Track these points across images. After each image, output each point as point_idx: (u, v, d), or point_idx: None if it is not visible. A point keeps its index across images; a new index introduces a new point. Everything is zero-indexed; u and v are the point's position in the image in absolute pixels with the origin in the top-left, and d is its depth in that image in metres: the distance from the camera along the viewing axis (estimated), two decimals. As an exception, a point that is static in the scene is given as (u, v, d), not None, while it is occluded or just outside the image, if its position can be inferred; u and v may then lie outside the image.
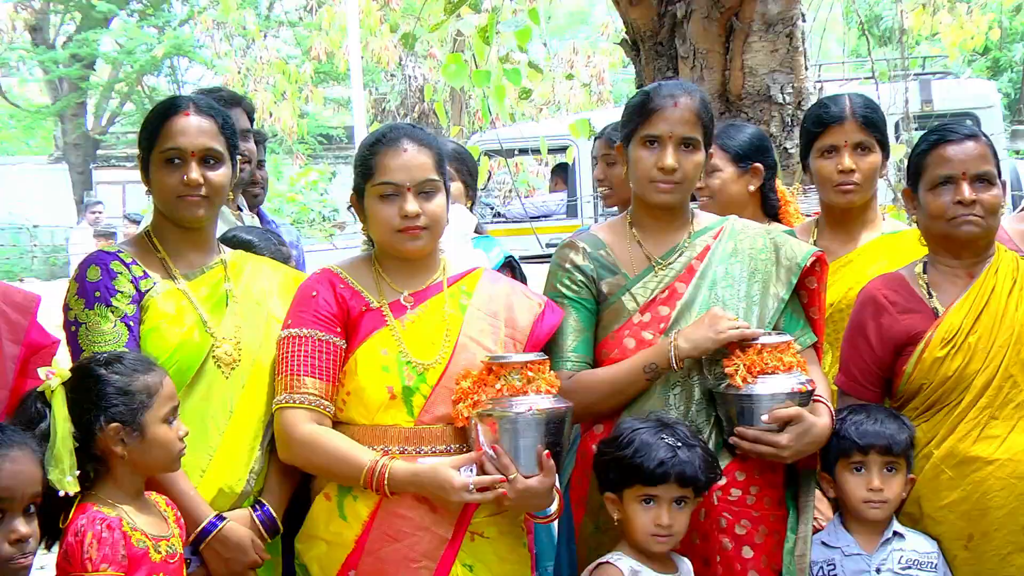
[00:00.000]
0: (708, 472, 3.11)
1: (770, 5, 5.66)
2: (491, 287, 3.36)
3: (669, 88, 3.37)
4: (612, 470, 3.14)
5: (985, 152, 3.40)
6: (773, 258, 3.41)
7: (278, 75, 15.82)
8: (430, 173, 3.20)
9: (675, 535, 3.11)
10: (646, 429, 3.12)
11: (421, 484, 3.05)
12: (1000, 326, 3.35)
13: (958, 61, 14.90)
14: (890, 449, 3.29)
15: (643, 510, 3.11)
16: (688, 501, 3.12)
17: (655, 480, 3.07)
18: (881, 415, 3.35)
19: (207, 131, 3.25)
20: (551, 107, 16.97)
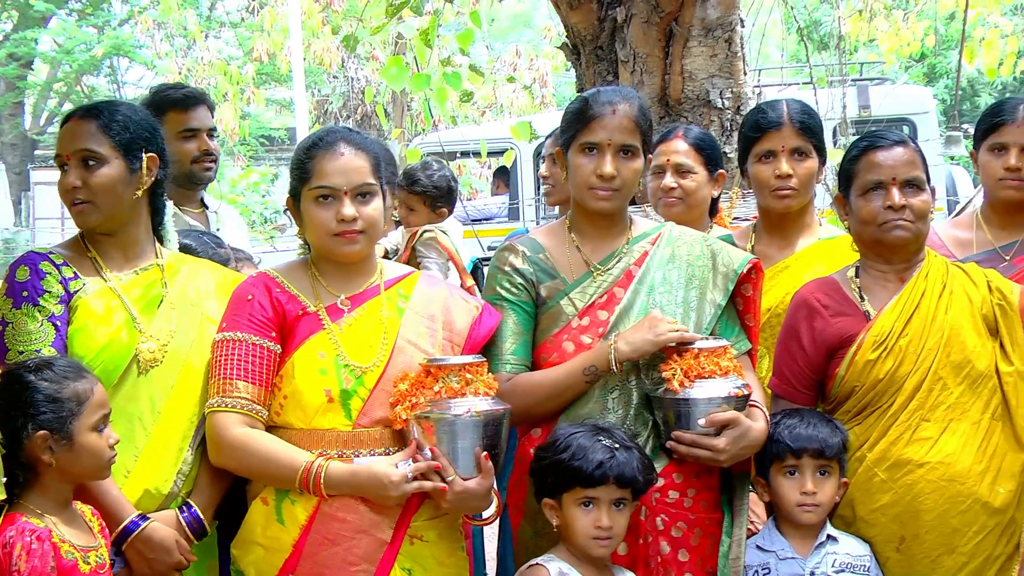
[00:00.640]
0: (645, 474, 3.13)
1: (709, 10, 5.71)
2: (428, 290, 3.36)
3: (607, 95, 3.39)
4: (550, 475, 3.14)
5: (914, 158, 3.45)
6: (710, 264, 3.44)
7: (219, 76, 15.72)
8: (367, 177, 3.19)
9: (615, 537, 3.13)
10: (583, 433, 3.14)
11: (359, 483, 3.04)
12: (930, 329, 3.40)
13: (895, 67, 15.09)
14: (823, 453, 3.32)
15: (583, 513, 3.12)
16: (626, 503, 3.13)
17: (594, 482, 3.08)
18: (814, 419, 3.38)
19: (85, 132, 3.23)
20: (494, 110, 16.98)
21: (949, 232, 4.24)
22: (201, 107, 4.66)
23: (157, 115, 4.59)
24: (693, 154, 4.29)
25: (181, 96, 4.66)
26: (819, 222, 4.13)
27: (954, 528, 3.31)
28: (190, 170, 4.62)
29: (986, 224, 4.16)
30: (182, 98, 4.64)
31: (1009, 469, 3.36)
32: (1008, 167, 3.99)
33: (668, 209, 4.24)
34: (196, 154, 4.61)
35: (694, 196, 4.28)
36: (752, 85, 6.31)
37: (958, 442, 3.34)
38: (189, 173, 4.62)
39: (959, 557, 3.31)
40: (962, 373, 3.37)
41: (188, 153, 4.59)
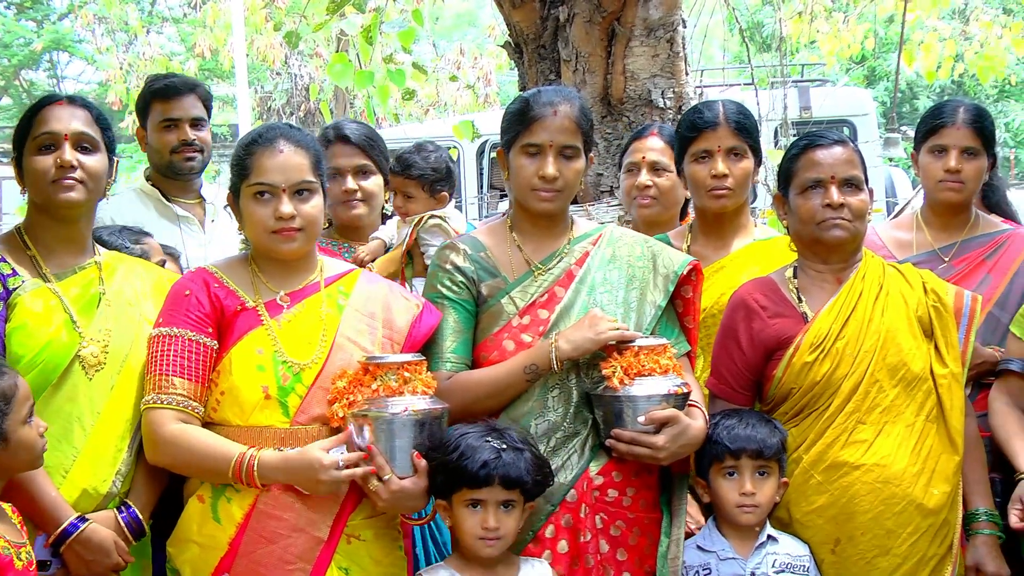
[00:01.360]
0: (536, 475, 3.12)
1: (651, 11, 5.72)
2: (369, 287, 3.35)
3: (548, 96, 3.39)
4: (439, 475, 3.12)
5: (853, 158, 3.47)
6: (650, 266, 3.45)
7: (161, 72, 15.55)
8: (306, 174, 3.18)
9: (503, 538, 3.12)
10: (473, 433, 3.13)
11: (291, 469, 3.03)
12: (867, 331, 3.43)
13: (836, 69, 15.24)
14: (761, 453, 3.34)
15: (470, 514, 3.11)
16: (515, 504, 3.12)
17: (479, 482, 3.07)
18: (753, 419, 3.40)
19: (80, 117, 3.25)
20: (438, 108, 16.95)
21: (890, 233, 4.29)
22: (186, 96, 4.63)
23: (144, 106, 4.62)
24: (669, 152, 4.28)
25: (163, 86, 4.65)
26: (755, 223, 4.15)
27: (889, 530, 3.34)
28: (169, 160, 4.61)
29: (926, 225, 4.21)
30: (164, 88, 4.64)
31: (943, 471, 3.40)
32: (948, 169, 4.04)
33: (643, 209, 4.25)
34: (175, 144, 4.59)
35: (669, 195, 4.29)
36: (694, 85, 6.34)
37: (893, 444, 3.37)
38: (169, 163, 4.62)
39: (893, 558, 3.34)
40: (898, 375, 3.41)
41: (168, 143, 4.59)
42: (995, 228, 4.22)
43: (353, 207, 4.30)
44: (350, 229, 4.38)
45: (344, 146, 4.28)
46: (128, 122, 16.33)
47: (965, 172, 4.05)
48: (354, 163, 4.27)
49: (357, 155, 4.27)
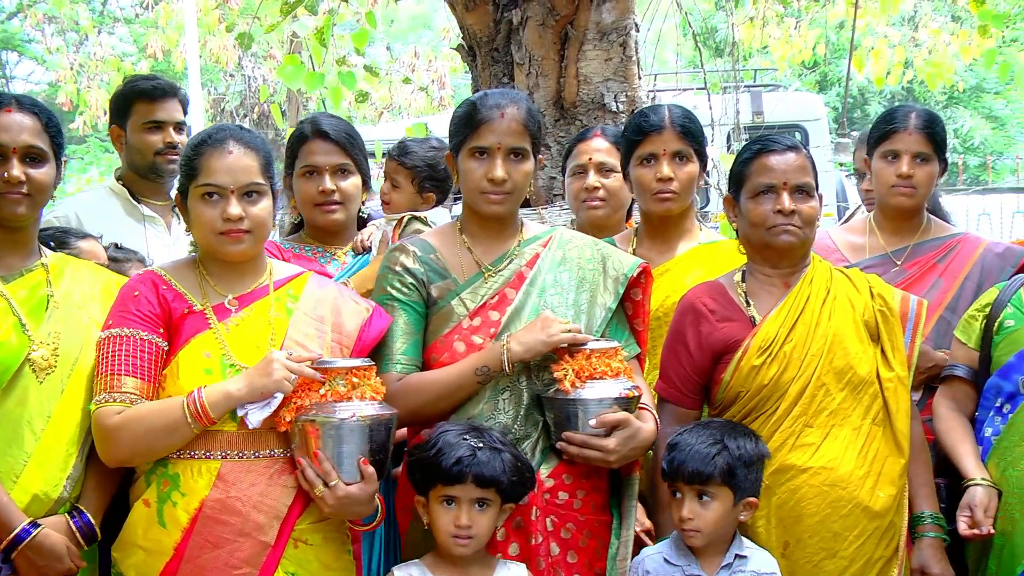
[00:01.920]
0: (513, 476, 3.12)
1: (604, 14, 5.74)
2: (318, 291, 3.33)
3: (495, 98, 3.39)
4: (417, 471, 3.15)
5: (805, 164, 3.49)
6: (600, 268, 3.46)
7: (113, 72, 15.38)
8: (255, 176, 3.16)
9: (477, 537, 3.11)
10: (453, 431, 3.14)
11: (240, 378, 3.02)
12: (814, 335, 3.45)
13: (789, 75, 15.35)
14: (697, 478, 3.24)
15: (444, 511, 3.12)
16: (490, 503, 3.12)
17: (452, 479, 3.08)
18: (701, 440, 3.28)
19: (29, 128, 3.21)
20: (392, 111, 16.89)
21: (843, 237, 4.32)
22: (170, 100, 4.61)
23: (125, 105, 4.55)
24: (615, 152, 4.26)
25: (149, 87, 4.62)
26: (700, 226, 4.16)
27: (836, 532, 3.36)
28: (153, 162, 4.58)
29: (879, 229, 4.25)
30: (150, 89, 4.60)
31: (889, 474, 3.42)
32: (900, 174, 4.07)
33: (592, 211, 4.22)
34: (160, 146, 4.57)
35: (617, 196, 4.27)
36: (647, 90, 6.36)
37: (840, 447, 3.39)
38: (152, 165, 4.59)
39: (840, 561, 3.36)
40: (844, 379, 3.43)
41: (152, 145, 4.56)
42: (946, 232, 4.27)
43: (330, 210, 4.02)
44: (325, 232, 4.09)
45: (322, 142, 4.02)
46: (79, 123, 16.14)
47: (917, 177, 4.08)
48: (333, 161, 4.00)
49: (336, 153, 4.01)
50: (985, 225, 12.31)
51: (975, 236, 4.41)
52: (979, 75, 21.41)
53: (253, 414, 3.04)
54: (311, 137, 4.01)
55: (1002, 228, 12.10)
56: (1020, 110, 22.80)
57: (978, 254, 4.16)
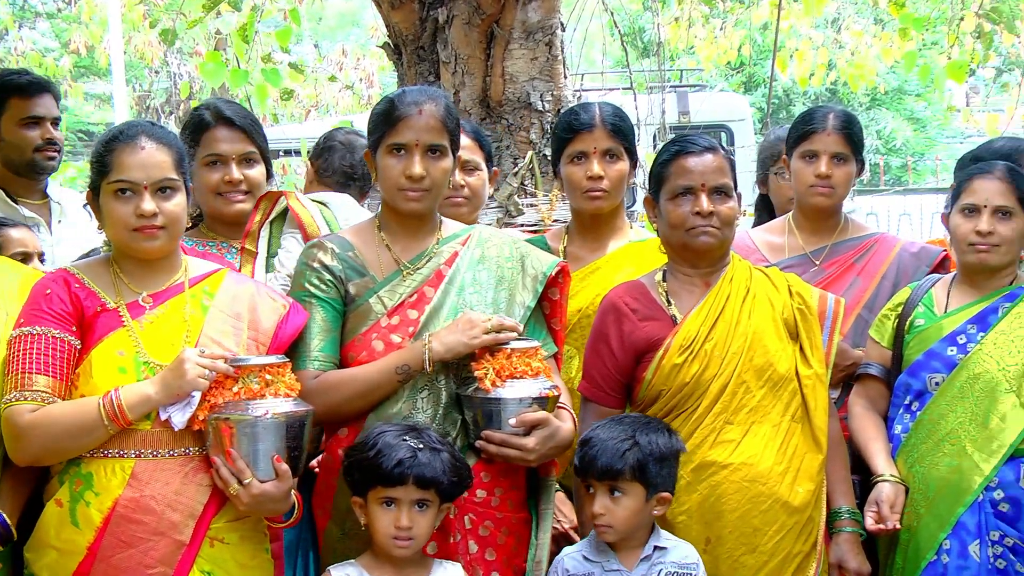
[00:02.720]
0: (453, 476, 3.10)
1: (530, 13, 5.74)
2: (235, 288, 3.29)
3: (413, 95, 3.37)
4: (356, 472, 3.12)
5: (723, 165, 3.51)
6: (519, 267, 3.46)
7: (34, 68, 15.13)
8: (169, 172, 3.11)
9: (417, 538, 3.10)
10: (392, 432, 3.12)
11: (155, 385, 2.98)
12: (734, 333, 3.47)
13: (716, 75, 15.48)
14: (607, 474, 3.24)
15: (384, 512, 3.09)
16: (430, 504, 3.10)
17: (393, 481, 3.06)
18: (614, 434, 3.27)
19: None
20: (320, 109, 16.79)
21: (762, 237, 4.36)
22: (46, 95, 4.54)
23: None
24: (477, 149, 4.25)
25: (26, 83, 4.54)
26: (630, 225, 4.18)
27: (755, 528, 3.38)
28: (32, 159, 4.51)
29: (798, 229, 4.28)
30: (27, 84, 4.53)
31: (808, 470, 3.45)
32: (818, 174, 4.10)
33: (455, 209, 4.14)
34: (39, 143, 4.49)
35: (479, 196, 4.26)
36: (573, 89, 6.38)
37: (760, 444, 3.42)
38: (31, 162, 4.51)
39: (760, 556, 3.39)
40: (764, 376, 3.46)
41: (31, 141, 4.48)
42: (864, 232, 4.32)
43: (235, 199, 3.86)
44: (228, 225, 3.91)
45: (227, 130, 3.86)
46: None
47: (835, 177, 4.12)
48: (239, 150, 3.86)
49: (242, 140, 3.88)
50: (906, 225, 12.51)
51: (891, 236, 4.48)
52: (901, 77, 21.72)
53: (176, 416, 3.00)
54: (214, 124, 3.86)
55: (922, 228, 12.30)
56: (940, 112, 23.17)
57: (894, 254, 4.20)
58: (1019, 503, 3.59)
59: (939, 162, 17.82)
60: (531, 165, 5.58)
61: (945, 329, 3.74)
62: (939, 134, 24.91)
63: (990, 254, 3.70)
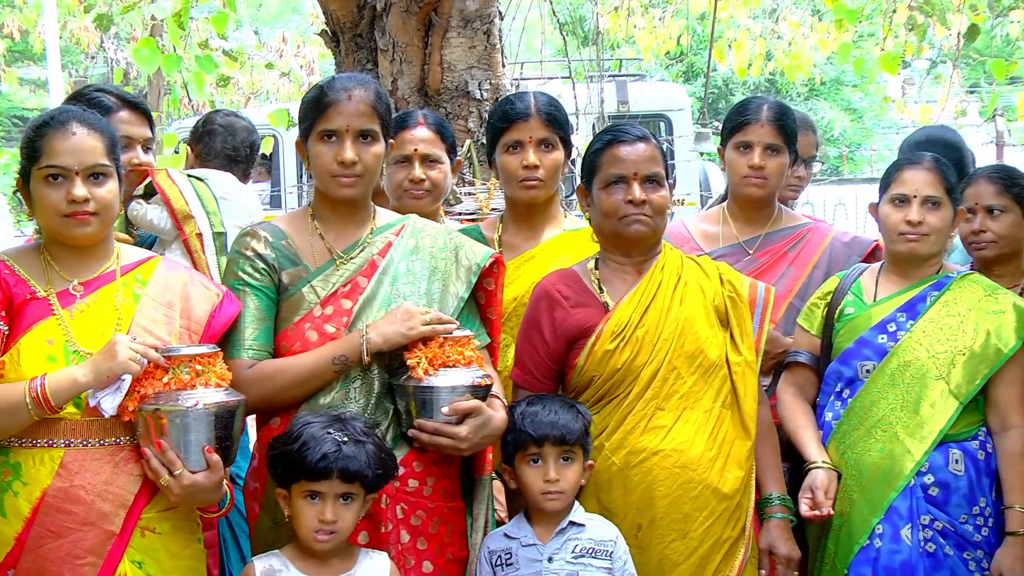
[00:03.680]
0: (378, 468, 3.10)
1: (468, 2, 5.76)
2: (168, 276, 3.27)
3: (343, 81, 3.36)
4: (280, 465, 3.11)
5: (655, 154, 3.54)
6: (453, 258, 3.45)
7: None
8: (101, 157, 3.08)
9: (340, 531, 3.09)
10: (317, 424, 3.10)
11: (84, 368, 2.95)
12: (665, 320, 3.50)
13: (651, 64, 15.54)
14: (564, 439, 3.34)
15: (308, 506, 3.08)
16: (355, 497, 3.10)
17: (317, 475, 3.04)
18: (556, 405, 3.40)
19: None
20: (260, 96, 16.67)
21: (697, 226, 4.38)
22: None
23: None
24: (438, 142, 4.25)
25: None
26: (565, 213, 4.19)
27: (686, 514, 3.41)
28: None
29: (732, 219, 4.31)
30: None
31: (737, 456, 3.48)
32: (752, 165, 4.13)
33: (415, 202, 4.16)
34: None
35: (441, 188, 4.26)
36: (512, 78, 6.39)
37: (691, 430, 3.45)
38: None
39: (690, 542, 3.41)
40: (695, 363, 3.48)
41: None
42: (797, 222, 4.36)
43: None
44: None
45: (132, 113, 3.95)
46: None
47: (768, 168, 4.15)
48: (143, 134, 3.94)
49: (144, 125, 3.95)
50: (841, 215, 12.68)
51: (824, 226, 4.52)
52: (839, 68, 21.98)
53: (105, 401, 2.96)
54: (116, 109, 3.91)
55: (858, 217, 12.47)
56: (876, 103, 23.47)
57: (826, 243, 4.25)
58: (948, 487, 3.66)
59: (874, 152, 18.03)
60: (469, 154, 5.59)
61: (875, 317, 3.80)
62: (875, 124, 25.24)
63: (920, 243, 3.77)
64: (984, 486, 3.68)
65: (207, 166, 4.97)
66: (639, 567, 3.38)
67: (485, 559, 3.36)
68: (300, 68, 16.11)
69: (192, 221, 4.05)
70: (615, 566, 3.33)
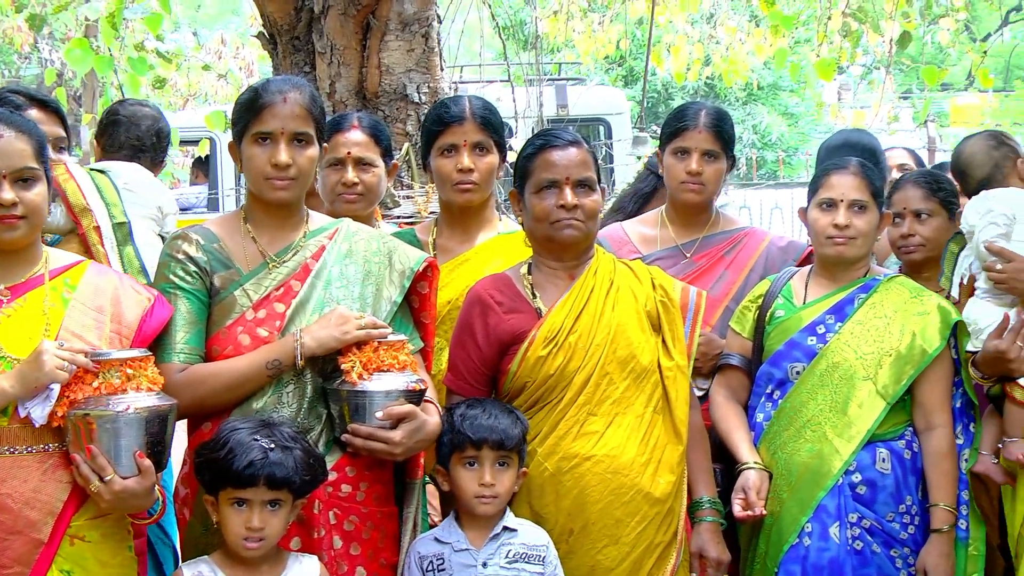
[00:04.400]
0: (306, 474, 3.09)
1: (406, 5, 5.75)
2: (97, 280, 3.22)
3: (277, 84, 3.34)
4: (207, 472, 3.09)
5: (587, 159, 3.55)
6: (387, 262, 3.45)
7: None
8: (29, 161, 3.04)
9: (268, 538, 3.07)
10: (244, 430, 3.08)
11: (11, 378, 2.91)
12: (598, 326, 3.51)
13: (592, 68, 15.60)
14: (503, 444, 3.36)
15: (235, 512, 3.06)
16: (283, 503, 3.08)
17: (243, 482, 3.03)
18: (495, 409, 3.41)
19: None
20: (198, 98, 16.50)
21: (636, 229, 4.41)
22: None
23: None
24: (372, 145, 4.23)
25: None
26: (499, 217, 4.20)
27: (618, 519, 3.42)
28: None
29: (670, 223, 4.34)
30: None
31: (669, 460, 3.50)
32: (689, 171, 4.16)
33: (348, 205, 4.14)
34: None
35: (375, 192, 4.24)
36: (452, 81, 6.39)
37: (623, 435, 3.46)
38: None
39: (622, 547, 3.43)
40: (627, 368, 3.49)
41: None
42: (734, 226, 4.40)
43: None
44: None
45: (42, 112, 3.91)
46: None
47: (706, 174, 4.18)
48: (55, 132, 3.90)
49: (55, 123, 3.92)
50: (778, 218, 12.79)
51: (761, 230, 4.57)
52: (776, 73, 22.17)
53: (35, 411, 2.93)
54: (25, 108, 3.87)
55: (794, 221, 12.59)
56: (813, 108, 23.71)
57: (763, 247, 4.30)
58: (876, 486, 3.72)
59: (810, 156, 18.21)
60: (407, 157, 5.58)
61: (804, 320, 3.84)
62: (812, 129, 25.48)
63: (847, 247, 3.82)
64: (910, 485, 3.75)
65: (113, 158, 4.97)
66: (570, 573, 3.39)
67: (415, 563, 3.35)
68: (239, 70, 15.96)
69: (89, 214, 3.97)
70: (547, 571, 3.34)
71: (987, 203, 3.90)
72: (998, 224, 3.83)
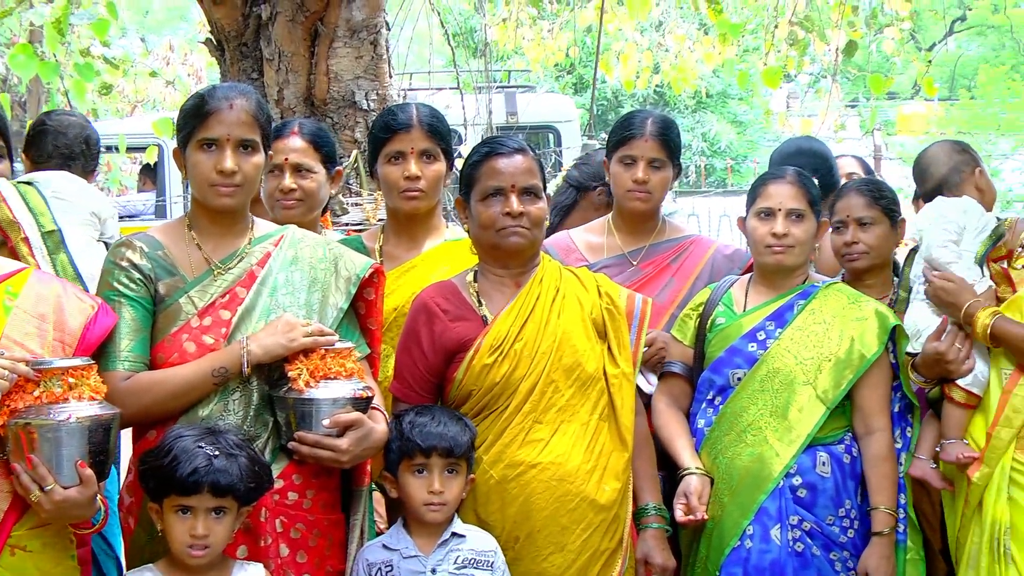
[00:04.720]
0: (251, 481, 3.08)
1: (355, 12, 5.76)
2: (40, 287, 3.20)
3: (223, 91, 3.34)
4: (151, 480, 3.07)
5: (532, 166, 3.56)
6: (332, 268, 3.45)
7: None
8: None
9: (212, 546, 3.06)
10: (189, 437, 3.07)
11: None
12: (544, 333, 3.52)
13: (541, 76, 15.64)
14: (452, 451, 3.36)
15: (179, 520, 3.05)
16: (227, 511, 3.07)
17: (188, 489, 3.02)
18: (444, 417, 3.42)
19: None
20: (146, 104, 16.38)
21: (582, 237, 4.42)
22: None
23: None
24: (311, 152, 4.22)
25: None
26: (446, 224, 4.21)
27: (563, 526, 3.44)
28: None
29: (616, 231, 4.36)
30: None
31: (614, 468, 3.52)
32: (636, 180, 4.18)
33: (287, 211, 4.15)
34: None
35: (314, 198, 4.23)
36: (401, 88, 6.40)
37: (568, 443, 3.47)
38: None
39: (568, 554, 3.44)
40: (573, 375, 3.51)
41: None
42: (680, 234, 4.42)
43: None
44: None
45: None
46: None
47: (652, 183, 4.20)
48: None
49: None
50: (726, 226, 12.86)
51: (707, 238, 4.59)
52: (725, 81, 22.33)
53: None
54: None
55: (743, 228, 12.64)
56: (761, 116, 23.90)
57: (709, 255, 4.32)
58: (816, 489, 3.77)
59: (758, 164, 18.35)
60: (356, 164, 5.58)
61: (745, 327, 3.89)
62: (760, 137, 25.68)
63: (786, 255, 3.87)
64: (849, 488, 3.80)
65: (43, 168, 4.94)
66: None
67: (363, 570, 3.35)
68: (188, 76, 15.86)
69: (16, 227, 3.97)
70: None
71: (940, 209, 3.96)
72: (948, 231, 3.89)
